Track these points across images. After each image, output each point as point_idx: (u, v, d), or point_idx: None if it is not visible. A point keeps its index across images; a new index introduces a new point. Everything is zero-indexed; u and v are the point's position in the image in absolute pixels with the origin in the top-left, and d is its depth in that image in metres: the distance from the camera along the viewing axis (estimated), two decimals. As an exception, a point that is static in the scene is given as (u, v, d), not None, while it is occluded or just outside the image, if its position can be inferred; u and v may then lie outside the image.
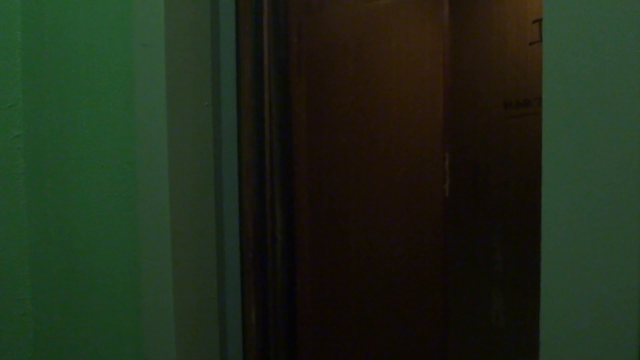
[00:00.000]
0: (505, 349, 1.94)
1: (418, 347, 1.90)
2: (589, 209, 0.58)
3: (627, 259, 0.56)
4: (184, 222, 1.03)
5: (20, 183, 1.30)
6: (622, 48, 0.55)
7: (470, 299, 2.03)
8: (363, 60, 1.58)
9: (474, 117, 1.95)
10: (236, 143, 1.09)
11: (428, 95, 1.90)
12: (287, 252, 1.16)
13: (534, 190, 1.72)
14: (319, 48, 1.41)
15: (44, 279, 1.30)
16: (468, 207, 1.99)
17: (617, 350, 0.57)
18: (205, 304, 1.08)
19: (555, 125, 0.59)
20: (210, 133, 1.06)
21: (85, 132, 1.18)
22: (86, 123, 1.18)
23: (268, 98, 1.10)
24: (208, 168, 1.06)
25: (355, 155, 1.55)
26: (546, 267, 0.61)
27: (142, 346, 1.10)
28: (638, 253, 0.56)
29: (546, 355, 0.61)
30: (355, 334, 1.59)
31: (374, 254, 1.66)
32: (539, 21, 1.70)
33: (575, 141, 0.58)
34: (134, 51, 1.03)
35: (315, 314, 1.38)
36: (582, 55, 0.57)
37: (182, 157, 1.02)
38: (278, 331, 1.16)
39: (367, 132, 1.60)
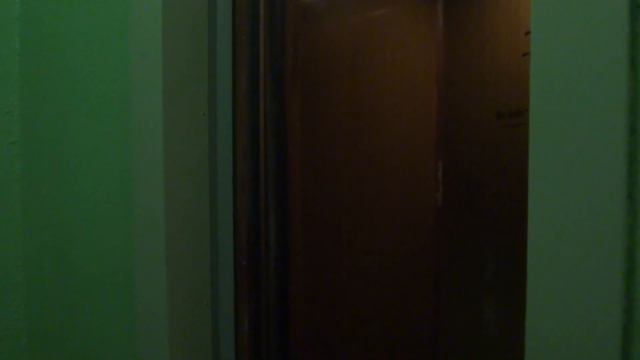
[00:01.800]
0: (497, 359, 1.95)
1: (410, 356, 1.91)
2: (574, 217, 0.60)
3: (610, 267, 0.58)
4: (178, 229, 1.04)
5: (16, 189, 1.31)
6: (606, 60, 0.57)
7: (462, 308, 2.04)
8: (358, 70, 1.60)
9: (467, 126, 1.97)
10: (231, 152, 1.10)
11: (422, 104, 1.93)
12: (281, 260, 1.17)
13: (526, 199, 1.73)
14: (315, 58, 1.43)
15: (38, 285, 1.31)
16: (460, 216, 2.01)
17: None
18: (199, 311, 1.08)
19: (541, 136, 0.61)
20: (206, 142, 1.07)
21: (81, 139, 1.19)
22: (83, 131, 1.19)
23: (263, 108, 1.11)
24: (203, 176, 1.07)
25: (349, 164, 1.57)
26: (532, 276, 0.62)
27: (136, 353, 1.10)
28: (621, 261, 0.57)
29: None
30: (347, 341, 1.60)
31: (366, 263, 1.67)
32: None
33: (561, 152, 0.60)
34: (131, 60, 1.05)
35: (307, 321, 1.39)
36: (568, 67, 0.59)
37: (177, 166, 1.03)
38: (271, 339, 1.17)
39: (361, 142, 1.62)
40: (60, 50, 1.23)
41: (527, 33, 1.70)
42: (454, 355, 2.06)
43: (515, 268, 1.83)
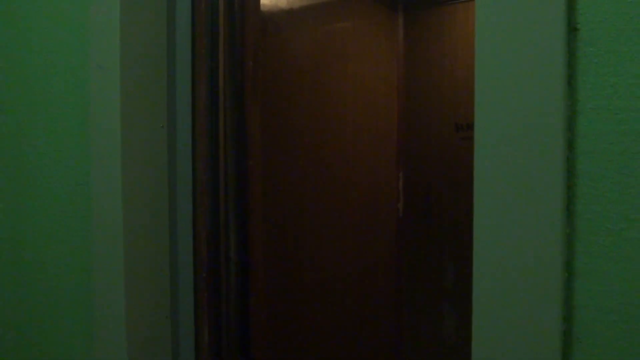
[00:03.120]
0: (457, 365, 1.99)
1: (373, 364, 1.93)
2: (515, 228, 0.62)
3: (550, 277, 0.61)
4: (137, 241, 1.04)
5: (-29, 202, 1.29)
6: (545, 80, 0.60)
7: (423, 316, 2.07)
8: (319, 83, 1.62)
9: (427, 138, 2.02)
10: (191, 164, 1.11)
11: (383, 117, 1.96)
12: (241, 271, 1.18)
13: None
14: (276, 70, 1.45)
15: (-7, 299, 1.28)
16: (421, 226, 2.04)
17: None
18: (159, 323, 1.08)
19: (484, 151, 0.64)
20: (165, 154, 1.07)
21: (39, 151, 1.18)
22: (40, 142, 1.18)
23: (223, 120, 1.12)
24: (162, 188, 1.07)
25: (310, 175, 1.58)
26: (477, 284, 0.65)
27: (93, 366, 1.09)
28: (560, 270, 0.60)
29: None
30: (309, 352, 1.61)
31: (328, 274, 1.68)
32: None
33: (503, 166, 0.62)
34: (90, 72, 1.04)
35: (268, 332, 1.40)
36: (509, 85, 0.62)
37: (136, 178, 1.03)
38: (231, 350, 1.17)
39: (322, 153, 1.64)
40: (17, 60, 1.22)
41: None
42: (416, 364, 2.09)
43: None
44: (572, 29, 0.60)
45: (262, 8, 1.35)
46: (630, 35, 0.57)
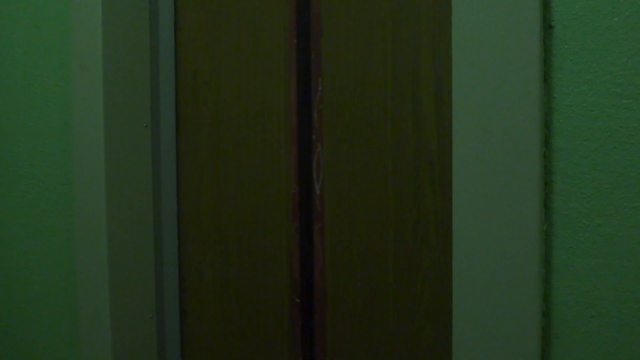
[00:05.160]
0: None
1: None
2: (494, 225, 0.63)
3: (528, 273, 0.61)
4: (121, 242, 1.03)
5: (-46, 203, 1.28)
6: (521, 77, 0.60)
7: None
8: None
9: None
10: (175, 163, 1.10)
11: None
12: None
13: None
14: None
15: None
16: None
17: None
18: (143, 323, 1.08)
19: (463, 147, 0.64)
20: (149, 154, 1.07)
21: (22, 152, 1.17)
22: (23, 143, 1.17)
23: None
24: (146, 188, 1.07)
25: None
26: (457, 281, 0.65)
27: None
28: (538, 266, 0.61)
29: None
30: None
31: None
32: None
33: (481, 162, 0.63)
34: (72, 73, 1.04)
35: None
36: (486, 82, 0.63)
37: (119, 178, 1.02)
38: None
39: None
40: None
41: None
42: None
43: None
44: (547, 27, 0.60)
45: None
46: (603, 33, 0.58)
